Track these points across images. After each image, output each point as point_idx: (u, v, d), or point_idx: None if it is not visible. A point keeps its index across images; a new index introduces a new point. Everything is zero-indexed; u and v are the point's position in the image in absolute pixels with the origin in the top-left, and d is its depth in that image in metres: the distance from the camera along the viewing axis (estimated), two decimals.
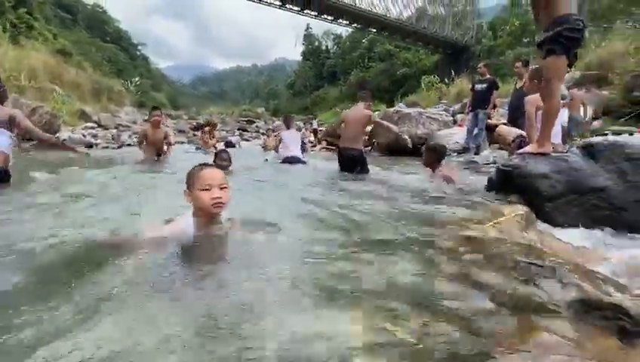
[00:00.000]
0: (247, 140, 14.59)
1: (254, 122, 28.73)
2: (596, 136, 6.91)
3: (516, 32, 26.43)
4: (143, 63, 49.85)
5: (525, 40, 25.95)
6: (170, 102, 43.93)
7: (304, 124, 20.44)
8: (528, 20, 26.38)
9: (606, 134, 6.68)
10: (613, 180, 1.81)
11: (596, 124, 7.40)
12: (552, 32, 2.01)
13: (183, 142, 11.31)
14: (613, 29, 11.34)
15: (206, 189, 1.43)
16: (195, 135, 14.02)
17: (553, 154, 1.99)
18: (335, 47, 60.18)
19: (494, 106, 6.65)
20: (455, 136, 6.64)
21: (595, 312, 0.87)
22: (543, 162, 1.95)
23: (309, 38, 61.51)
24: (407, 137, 4.44)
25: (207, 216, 1.47)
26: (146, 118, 9.84)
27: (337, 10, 30.77)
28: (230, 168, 3.94)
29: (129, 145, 9.23)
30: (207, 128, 8.57)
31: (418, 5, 33.90)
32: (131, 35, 50.04)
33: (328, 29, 55.80)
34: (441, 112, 7.96)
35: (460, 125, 7.50)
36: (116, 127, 12.39)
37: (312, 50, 61.14)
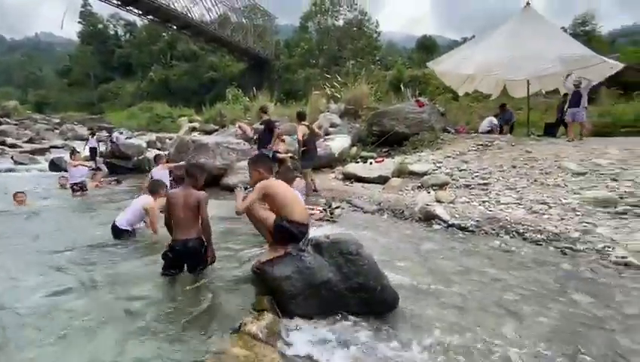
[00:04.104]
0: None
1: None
2: (354, 161, 9.13)
3: (305, 55, 31.02)
4: None
5: (312, 62, 30.94)
6: None
7: (89, 131, 14.16)
8: (312, 47, 31.62)
9: (358, 161, 8.95)
10: (333, 272, 2.28)
11: (354, 149, 9.66)
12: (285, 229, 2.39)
13: None
14: (362, 72, 15.10)
15: None
16: None
17: (293, 253, 2.36)
18: (128, 34, 51.29)
19: (283, 140, 7.43)
20: None
21: None
22: (286, 264, 2.30)
23: (88, 17, 49.46)
24: None
25: None
26: None
27: None
28: None
29: None
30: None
31: (220, 12, 33.80)
32: None
33: (116, 13, 46.71)
34: (239, 141, 8.18)
35: None
36: None
37: (94, 33, 49.69)
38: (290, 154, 7.37)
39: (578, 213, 4.36)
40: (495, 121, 9.70)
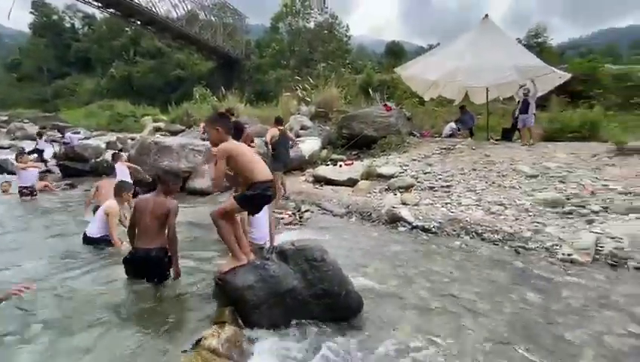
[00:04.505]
0: None
1: None
2: (325, 164, 9.18)
3: (276, 56, 30.78)
4: None
5: (283, 63, 30.74)
6: None
7: (37, 131, 12.81)
8: (284, 48, 31.46)
9: (328, 163, 9.01)
10: (298, 279, 2.26)
11: (324, 152, 9.71)
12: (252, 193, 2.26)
13: None
14: (334, 75, 15.25)
15: None
16: None
17: (257, 262, 2.32)
18: (86, 28, 48.15)
19: (252, 142, 7.35)
20: None
21: None
22: (249, 273, 2.24)
23: (41, 7, 45.88)
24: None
25: None
26: None
27: None
28: None
29: None
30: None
31: (188, 9, 32.67)
32: None
33: (73, 4, 43.70)
34: (205, 142, 7.92)
35: None
36: None
37: (48, 25, 46.20)
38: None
39: (530, 214, 4.67)
40: (454, 125, 10.19)
